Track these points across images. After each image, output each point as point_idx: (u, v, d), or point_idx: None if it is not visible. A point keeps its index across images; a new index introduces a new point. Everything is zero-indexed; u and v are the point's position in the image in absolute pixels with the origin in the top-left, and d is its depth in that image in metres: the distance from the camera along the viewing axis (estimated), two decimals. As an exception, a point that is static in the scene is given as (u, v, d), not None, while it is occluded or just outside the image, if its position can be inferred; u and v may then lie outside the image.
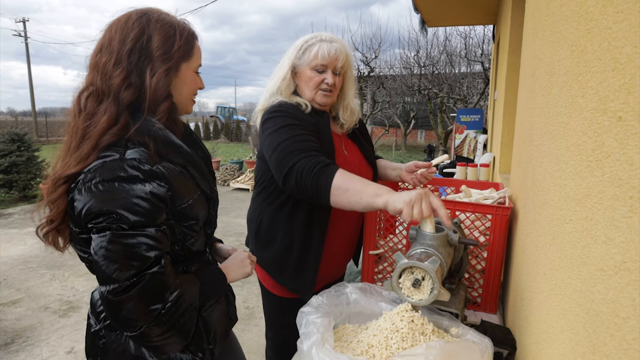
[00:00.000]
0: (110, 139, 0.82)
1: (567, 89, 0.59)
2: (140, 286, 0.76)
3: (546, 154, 0.73)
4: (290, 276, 1.35)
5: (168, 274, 0.80)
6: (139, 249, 0.77)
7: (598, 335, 0.40)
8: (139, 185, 0.78)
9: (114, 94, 0.84)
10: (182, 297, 0.82)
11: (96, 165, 0.79)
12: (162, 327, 0.79)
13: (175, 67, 0.90)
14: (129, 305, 0.76)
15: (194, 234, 0.92)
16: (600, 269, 0.41)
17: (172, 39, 0.89)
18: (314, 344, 0.70)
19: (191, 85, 0.96)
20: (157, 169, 0.82)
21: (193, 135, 1.06)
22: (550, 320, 0.61)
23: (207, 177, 0.97)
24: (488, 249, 1.17)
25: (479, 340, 0.76)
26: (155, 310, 0.78)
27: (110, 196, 0.76)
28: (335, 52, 1.28)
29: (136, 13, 0.88)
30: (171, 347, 0.83)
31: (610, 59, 0.41)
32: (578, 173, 0.51)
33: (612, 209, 0.39)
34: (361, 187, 1.01)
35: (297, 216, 1.31)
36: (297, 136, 1.17)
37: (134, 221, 0.77)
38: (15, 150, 6.95)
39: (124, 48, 0.85)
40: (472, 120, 5.65)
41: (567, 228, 0.55)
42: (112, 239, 0.75)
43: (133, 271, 0.76)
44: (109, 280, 0.76)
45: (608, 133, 0.41)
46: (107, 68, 0.84)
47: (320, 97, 1.32)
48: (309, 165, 1.08)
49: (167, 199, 0.83)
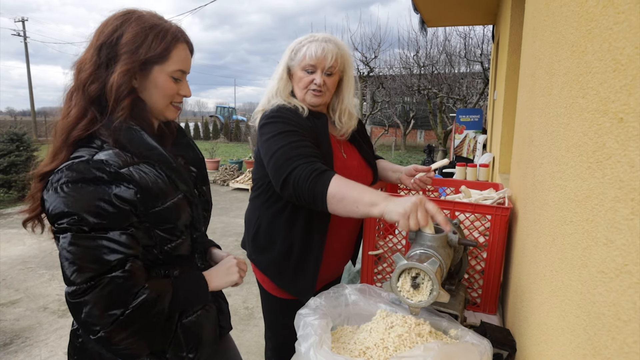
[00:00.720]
0: (79, 134, 0.82)
1: (567, 89, 0.58)
2: (98, 290, 0.75)
3: (546, 155, 0.72)
4: (290, 280, 1.35)
5: (134, 278, 0.79)
6: (98, 252, 0.76)
7: (599, 337, 0.40)
8: (103, 187, 0.78)
9: (82, 87, 0.84)
10: (147, 302, 0.80)
11: (65, 165, 0.79)
12: (122, 333, 0.78)
13: (142, 68, 0.87)
14: (87, 308, 0.75)
15: (174, 238, 0.90)
16: (601, 271, 0.41)
17: (142, 39, 0.86)
18: (312, 345, 0.70)
19: (164, 89, 0.91)
20: (128, 171, 0.81)
21: (187, 137, 1.06)
22: (550, 322, 0.61)
23: (186, 180, 0.94)
24: (488, 249, 1.17)
25: (478, 342, 0.76)
26: (114, 315, 0.76)
27: (74, 198, 0.76)
28: (323, 52, 1.25)
29: (121, 12, 0.89)
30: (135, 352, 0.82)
31: (611, 59, 0.41)
32: (579, 174, 0.50)
33: (613, 211, 0.39)
34: (357, 196, 0.99)
35: (297, 221, 1.30)
36: (294, 142, 1.16)
37: (93, 224, 0.76)
38: (14, 150, 6.94)
39: (97, 42, 0.86)
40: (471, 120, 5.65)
41: (567, 229, 0.54)
42: (72, 241, 0.75)
43: (91, 274, 0.75)
44: (68, 282, 0.76)
45: (609, 134, 0.41)
46: (83, 63, 0.86)
47: (310, 97, 1.30)
48: (306, 173, 1.07)
49: (135, 202, 0.81)
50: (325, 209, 1.06)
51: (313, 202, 1.07)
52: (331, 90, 1.34)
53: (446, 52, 11.64)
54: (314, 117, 1.31)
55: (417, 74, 12.07)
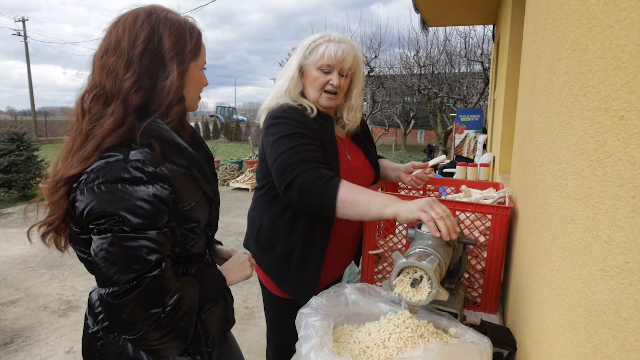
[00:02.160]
0: (114, 141, 0.80)
1: (568, 88, 0.58)
2: (140, 289, 0.75)
3: (547, 154, 0.72)
4: (291, 283, 1.34)
5: (168, 278, 0.79)
6: (139, 252, 0.76)
7: (600, 336, 0.40)
8: (142, 187, 0.77)
9: (124, 97, 0.82)
10: (182, 300, 0.81)
11: (99, 165, 0.77)
12: (161, 331, 0.78)
13: (187, 68, 0.89)
14: (129, 308, 0.75)
15: (195, 237, 0.91)
16: (602, 269, 0.40)
17: (184, 40, 0.87)
18: (313, 347, 0.70)
19: (198, 84, 0.95)
20: (161, 170, 0.81)
21: (197, 136, 1.06)
22: (551, 320, 0.61)
23: (210, 179, 0.96)
24: (488, 248, 1.17)
25: (478, 340, 0.76)
26: (155, 314, 0.77)
27: (113, 197, 0.75)
28: (343, 54, 1.25)
29: (143, 12, 0.86)
30: (170, 350, 0.82)
31: (612, 57, 0.41)
32: (579, 173, 0.50)
33: (614, 209, 0.38)
34: (368, 200, 1.02)
35: (299, 224, 1.30)
36: (299, 146, 1.16)
37: (136, 224, 0.75)
38: (15, 149, 6.94)
39: (134, 50, 0.82)
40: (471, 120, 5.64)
41: (568, 228, 0.54)
42: (114, 242, 0.74)
43: (133, 274, 0.75)
44: (108, 283, 0.75)
45: (610, 132, 0.41)
46: (116, 70, 0.82)
47: (324, 99, 1.30)
48: (311, 179, 1.08)
49: (169, 202, 0.81)
50: (334, 214, 1.07)
51: (322, 208, 1.09)
52: (344, 92, 1.33)
53: (446, 52, 11.64)
54: (322, 118, 1.31)
55: (418, 74, 12.07)
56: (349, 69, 1.28)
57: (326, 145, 1.25)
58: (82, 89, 0.86)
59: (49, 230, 0.85)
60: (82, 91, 0.86)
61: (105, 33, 0.86)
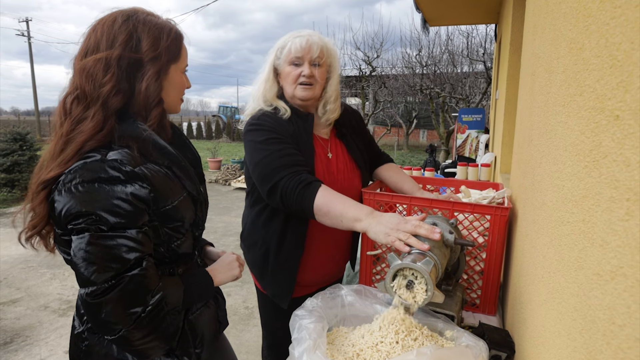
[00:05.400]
0: (94, 144, 0.80)
1: (565, 87, 0.57)
2: (119, 289, 0.75)
3: (545, 154, 0.71)
4: (269, 283, 1.37)
5: (149, 277, 0.79)
6: (118, 250, 0.75)
7: (594, 342, 0.39)
8: (120, 186, 0.77)
9: (103, 100, 0.82)
10: (164, 300, 0.80)
11: (77, 166, 0.77)
12: (143, 331, 0.77)
13: (165, 70, 0.88)
14: (108, 308, 0.74)
15: (180, 236, 0.91)
16: (597, 273, 0.39)
17: (160, 42, 0.87)
18: (306, 350, 0.69)
19: (179, 86, 0.95)
20: (140, 170, 0.81)
21: (182, 137, 1.05)
22: (548, 324, 0.60)
23: (193, 179, 0.95)
24: (487, 250, 1.16)
25: (473, 343, 0.75)
26: (135, 314, 0.76)
27: (90, 197, 0.75)
28: (307, 43, 1.27)
29: (121, 15, 0.86)
30: (153, 350, 0.82)
31: (607, 55, 0.40)
32: (576, 174, 0.49)
33: (609, 212, 0.37)
34: (341, 210, 1.04)
35: (272, 224, 1.32)
36: (278, 151, 1.20)
37: (113, 222, 0.75)
38: (18, 149, 6.97)
39: (112, 53, 0.82)
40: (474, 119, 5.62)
41: (565, 230, 0.53)
42: (91, 241, 0.74)
43: (112, 273, 0.75)
44: (87, 283, 0.75)
45: (605, 132, 0.40)
46: (95, 74, 0.82)
47: (299, 91, 1.30)
48: (292, 184, 1.12)
49: (149, 201, 0.81)
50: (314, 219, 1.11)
51: (302, 213, 1.13)
52: (321, 83, 1.33)
53: (449, 52, 11.60)
54: (299, 117, 1.31)
55: (420, 74, 12.04)
56: (319, 57, 1.29)
57: (301, 146, 1.27)
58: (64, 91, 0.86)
59: (32, 234, 0.85)
60: (65, 93, 0.86)
61: (85, 36, 0.86)
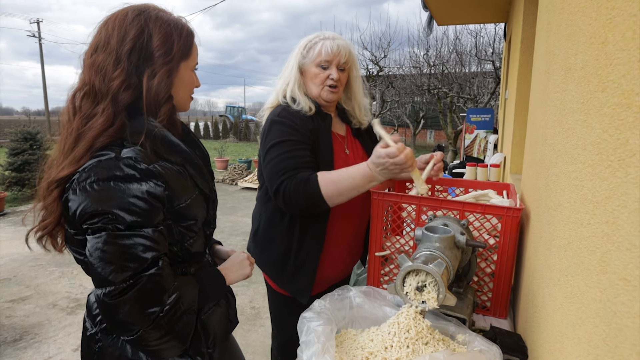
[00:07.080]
0: (105, 141, 0.79)
1: (584, 84, 0.55)
2: (137, 288, 0.73)
3: (561, 154, 0.69)
4: (288, 280, 1.37)
5: (166, 276, 0.77)
6: (135, 249, 0.74)
7: (621, 351, 0.37)
8: (136, 184, 0.76)
9: (113, 95, 0.81)
10: (181, 299, 0.79)
11: (91, 164, 0.76)
12: (160, 331, 0.76)
13: (175, 67, 0.88)
14: (126, 308, 0.73)
15: (193, 235, 0.90)
16: (624, 278, 0.37)
17: (172, 39, 0.86)
18: (314, 354, 0.67)
19: (189, 84, 0.94)
20: (154, 167, 0.79)
21: (191, 135, 1.04)
22: (565, 330, 0.57)
23: (206, 176, 0.95)
24: (498, 251, 1.13)
25: (486, 349, 0.73)
26: (153, 314, 0.75)
27: (106, 196, 0.74)
28: (338, 48, 1.32)
29: (133, 10, 0.85)
30: (169, 351, 0.81)
31: (636, 49, 0.38)
32: (597, 174, 0.47)
33: (638, 213, 0.35)
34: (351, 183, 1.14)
35: (295, 223, 1.33)
36: (288, 152, 1.24)
37: (130, 221, 0.74)
38: (28, 148, 7.05)
39: (123, 47, 0.82)
40: (482, 120, 5.57)
41: (584, 232, 0.51)
42: (108, 240, 0.73)
43: (130, 273, 0.73)
44: (104, 283, 0.73)
45: (633, 130, 0.37)
46: (105, 68, 0.81)
47: (326, 93, 1.35)
48: (293, 185, 1.18)
49: (164, 199, 0.80)
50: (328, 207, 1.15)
51: (315, 206, 1.18)
52: (343, 86, 1.40)
53: (457, 51, 11.51)
54: (320, 117, 1.36)
55: (427, 74, 11.96)
56: (345, 62, 1.35)
57: (321, 142, 1.32)
58: (73, 88, 0.85)
59: (44, 233, 0.84)
60: (73, 90, 0.85)
61: (96, 31, 0.85)
